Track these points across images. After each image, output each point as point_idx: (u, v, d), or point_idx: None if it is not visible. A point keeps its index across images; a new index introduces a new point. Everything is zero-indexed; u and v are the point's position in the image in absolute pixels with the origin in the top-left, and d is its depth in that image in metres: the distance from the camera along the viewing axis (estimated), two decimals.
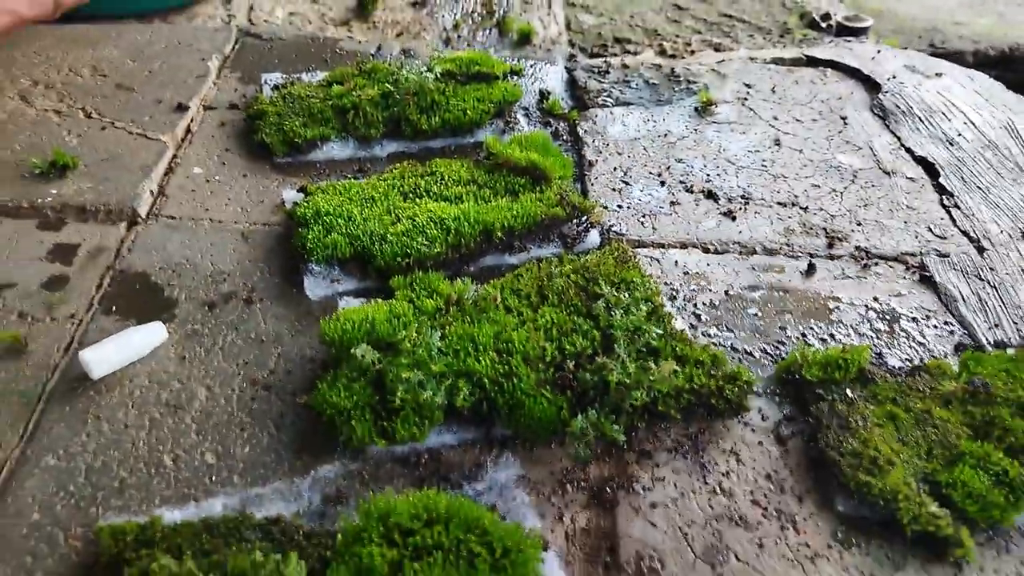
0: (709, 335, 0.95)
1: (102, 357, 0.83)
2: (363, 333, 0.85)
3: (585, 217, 1.08)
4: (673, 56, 1.69)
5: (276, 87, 1.31)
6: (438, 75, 1.28)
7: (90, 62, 1.36)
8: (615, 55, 1.68)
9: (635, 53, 1.69)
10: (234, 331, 0.91)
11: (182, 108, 1.26)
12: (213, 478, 0.76)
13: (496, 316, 0.89)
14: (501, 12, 1.78)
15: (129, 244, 1.02)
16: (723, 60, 1.56)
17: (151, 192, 1.10)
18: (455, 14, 1.77)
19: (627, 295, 0.92)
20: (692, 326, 0.96)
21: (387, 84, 1.25)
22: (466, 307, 0.91)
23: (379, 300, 0.92)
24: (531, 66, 1.48)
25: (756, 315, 0.98)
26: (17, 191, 1.07)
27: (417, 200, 1.07)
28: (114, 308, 0.93)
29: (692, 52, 1.71)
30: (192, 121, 1.25)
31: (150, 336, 0.87)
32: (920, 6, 2.13)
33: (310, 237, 0.98)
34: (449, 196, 1.08)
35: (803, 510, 0.79)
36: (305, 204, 1.04)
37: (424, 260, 0.98)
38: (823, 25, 1.87)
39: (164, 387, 0.84)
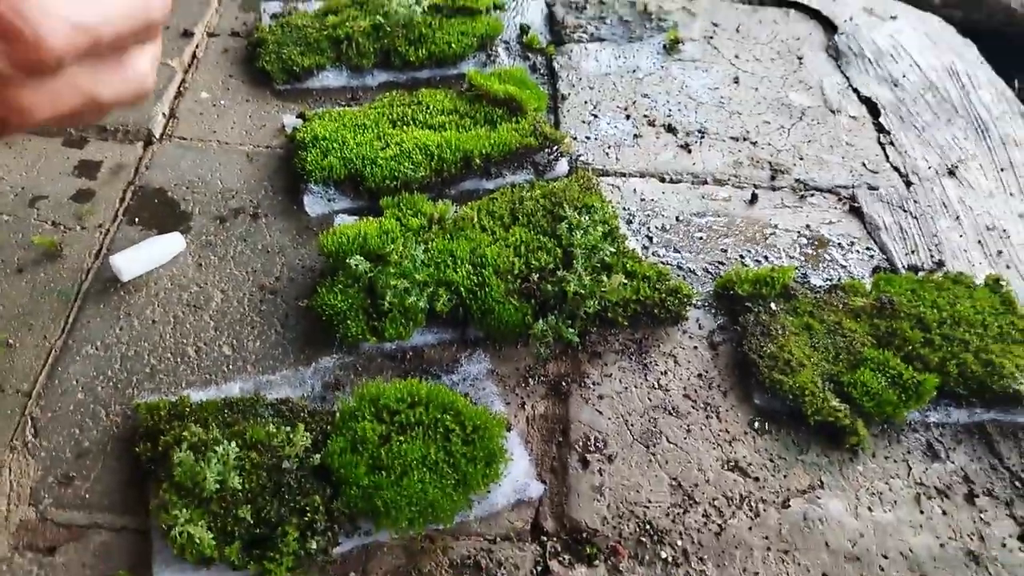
0: (658, 255, 1.09)
1: (130, 261, 0.96)
2: (357, 246, 0.98)
3: (556, 147, 1.20)
4: None
5: (274, 15, 1.40)
6: (425, 8, 1.38)
7: None
8: None
9: None
10: (243, 242, 1.04)
11: (188, 34, 1.35)
12: (230, 366, 0.91)
13: (472, 234, 1.03)
14: None
15: (147, 162, 1.14)
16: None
17: (163, 115, 1.21)
18: None
19: (587, 218, 1.05)
20: (644, 247, 1.10)
21: (378, 16, 1.34)
22: (447, 226, 1.04)
23: (370, 218, 1.05)
24: (513, 0, 1.57)
25: (701, 238, 1.12)
26: None
27: (404, 128, 1.18)
28: (137, 220, 1.06)
29: None
30: (197, 47, 1.35)
31: (171, 245, 1.00)
32: None
33: (309, 160, 1.10)
34: (433, 124, 1.20)
35: (726, 403, 0.94)
36: (304, 129, 1.16)
37: (410, 183, 1.11)
38: None
39: (184, 289, 0.98)
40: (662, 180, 1.21)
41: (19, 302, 0.95)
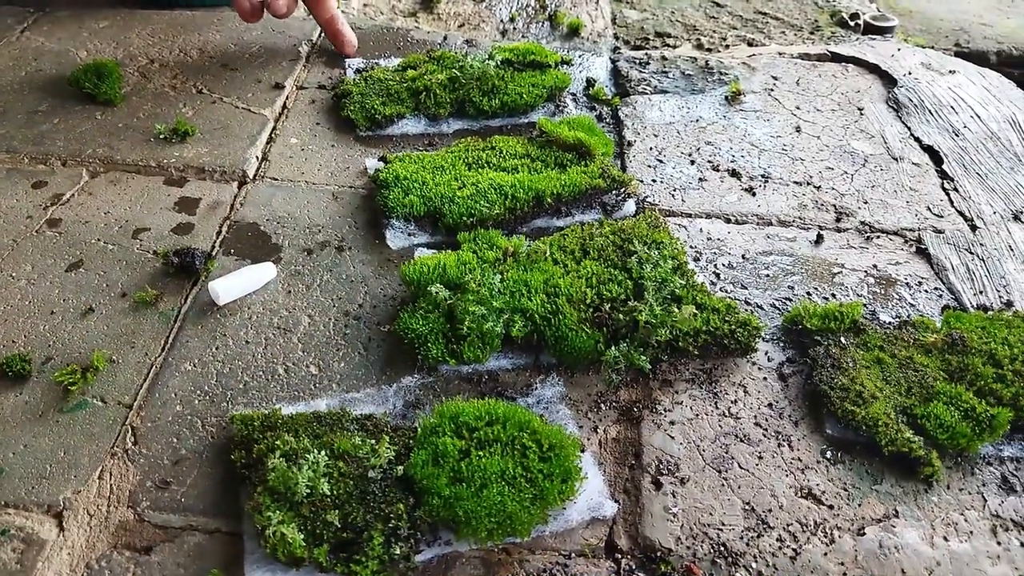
0: (726, 290, 1.12)
1: (227, 287, 1.03)
2: (436, 275, 1.03)
3: (623, 188, 1.25)
4: (709, 50, 1.84)
5: (358, 71, 1.50)
6: (498, 63, 1.46)
7: (197, 45, 1.57)
8: (655, 48, 1.84)
9: (674, 47, 1.85)
10: (328, 272, 1.11)
11: (279, 87, 1.45)
12: (317, 385, 0.95)
13: (545, 267, 1.07)
14: (553, 6, 1.95)
15: (241, 200, 1.22)
16: (753, 55, 1.71)
17: (256, 157, 1.30)
18: (511, 8, 1.94)
19: (656, 253, 1.09)
20: (712, 282, 1.13)
21: (454, 70, 1.43)
22: (520, 258, 1.09)
23: (449, 251, 1.10)
24: (579, 56, 1.65)
25: (768, 276, 1.15)
26: (145, 153, 1.28)
27: (479, 170, 1.25)
28: (232, 251, 1.13)
29: (727, 47, 1.87)
30: (288, 99, 1.45)
31: (263, 273, 1.07)
32: (948, 7, 2.25)
33: (391, 198, 1.17)
34: (506, 167, 1.26)
35: (797, 432, 0.95)
36: (385, 171, 1.23)
37: (485, 220, 1.16)
38: (851, 24, 2.00)
39: (275, 314, 1.04)
40: (727, 221, 1.25)
41: (123, 322, 1.02)
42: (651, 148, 1.39)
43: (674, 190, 1.30)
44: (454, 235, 1.15)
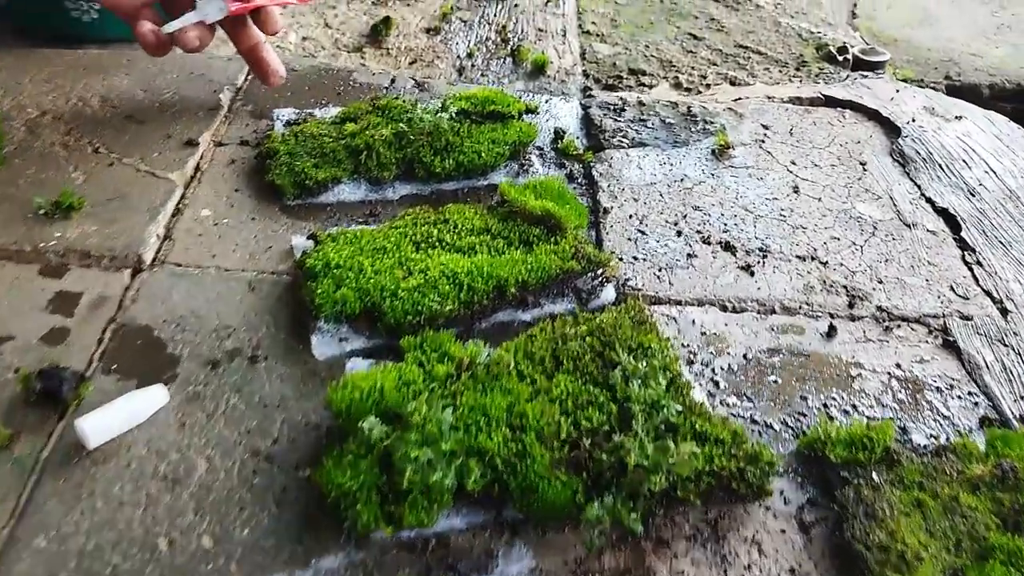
0: (728, 404, 0.92)
1: (99, 426, 0.80)
2: (371, 403, 0.82)
3: (601, 271, 1.05)
4: (688, 90, 1.66)
5: (288, 123, 1.28)
6: (453, 115, 1.25)
7: (100, 91, 1.33)
8: (630, 88, 1.65)
9: (650, 86, 1.66)
10: (237, 394, 0.89)
11: (192, 144, 1.23)
12: (209, 565, 0.73)
13: (509, 384, 0.86)
14: (516, 41, 1.75)
15: (133, 294, 1.00)
16: (740, 99, 1.53)
17: (157, 236, 1.07)
18: (469, 42, 1.74)
19: (644, 363, 0.89)
20: (711, 393, 0.93)
21: (401, 124, 1.22)
22: (478, 373, 0.88)
23: (388, 363, 0.89)
24: (546, 102, 1.46)
25: (776, 382, 0.95)
26: (21, 233, 1.05)
27: (429, 251, 1.04)
28: (115, 367, 0.90)
29: (708, 86, 1.69)
30: (202, 158, 1.22)
31: (150, 401, 0.85)
32: (933, 36, 2.10)
33: (319, 292, 0.95)
34: (462, 247, 1.05)
35: None
36: (314, 254, 1.01)
37: (436, 318, 0.95)
38: (840, 59, 1.83)
39: (162, 457, 0.81)
40: (724, 309, 1.05)
41: None
42: (631, 216, 1.19)
43: (660, 269, 1.10)
44: (397, 337, 0.94)
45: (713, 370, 0.96)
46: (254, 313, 0.98)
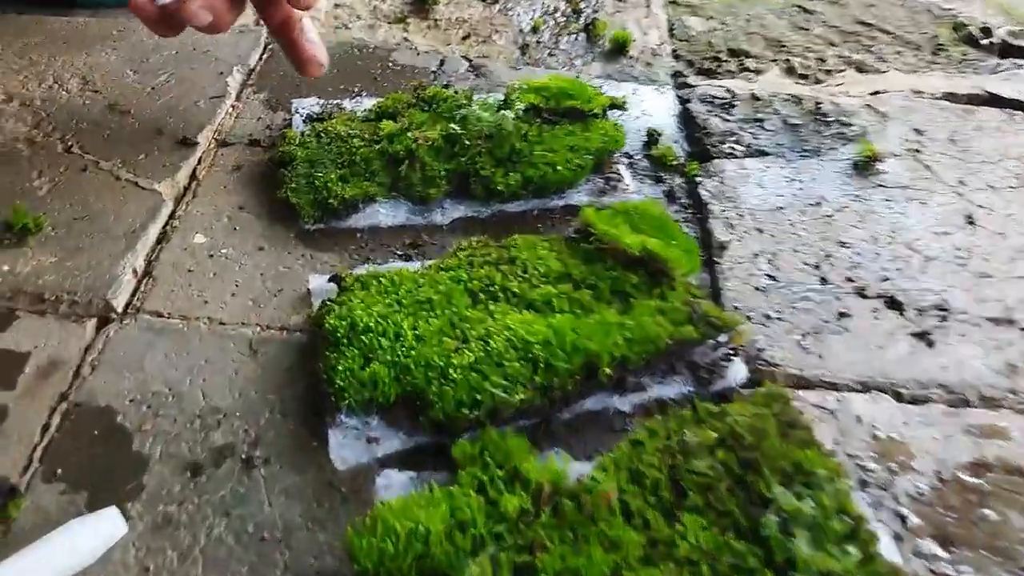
0: (926, 556, 0.64)
1: None
2: (411, 560, 0.55)
3: (725, 337, 0.77)
4: (804, 77, 1.35)
5: (310, 118, 1.01)
6: (519, 112, 0.97)
7: (80, 71, 1.07)
8: (731, 73, 1.34)
9: (757, 71, 1.35)
10: (224, 519, 0.63)
11: (188, 143, 0.96)
12: None
13: (612, 530, 0.59)
14: (590, 12, 1.45)
15: (95, 357, 0.74)
16: (878, 92, 1.22)
17: (134, 272, 0.81)
18: (533, 12, 1.44)
19: (810, 503, 0.61)
20: (896, 535, 0.65)
21: (453, 124, 0.94)
22: (564, 509, 0.60)
23: (435, 484, 0.62)
24: (633, 93, 1.16)
25: (988, 521, 0.66)
26: None
27: (491, 305, 0.76)
28: (59, 471, 0.65)
29: (828, 72, 1.37)
30: (200, 163, 0.96)
31: (98, 537, 0.59)
32: None
33: (341, 368, 0.69)
34: (535, 301, 0.77)
35: None
36: (337, 308, 0.74)
37: (500, 410, 0.68)
38: (983, 42, 1.49)
39: None
40: (898, 397, 0.76)
41: None
42: (756, 254, 0.90)
43: (803, 334, 0.81)
44: (447, 435, 0.67)
45: (897, 499, 0.68)
46: (254, 391, 0.72)
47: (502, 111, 0.96)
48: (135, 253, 0.82)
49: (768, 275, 0.88)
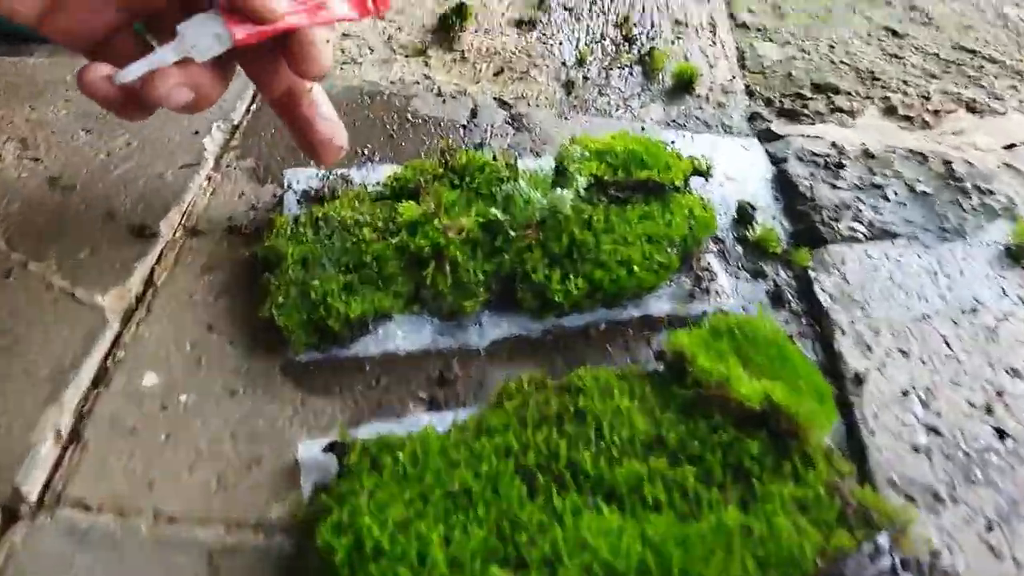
0: None
1: None
2: None
3: (886, 539, 0.53)
4: (908, 118, 1.11)
5: (306, 196, 0.78)
6: (581, 191, 0.74)
7: (20, 130, 0.85)
8: (820, 115, 1.10)
9: (851, 112, 1.11)
10: None
11: (146, 234, 0.74)
12: None
13: None
14: (645, 39, 1.22)
15: None
16: (1016, 145, 0.98)
17: (57, 436, 0.59)
18: (578, 40, 1.21)
19: None
20: None
21: (493, 208, 0.71)
22: None
23: None
24: (712, 149, 0.93)
25: None
26: None
27: (555, 498, 0.53)
28: None
29: (935, 113, 1.13)
30: (159, 262, 0.73)
31: None
32: None
33: None
34: (617, 486, 0.54)
35: None
36: (336, 510, 0.51)
37: None
38: None
39: None
40: None
41: None
42: (906, 392, 0.66)
43: (989, 525, 0.57)
44: None
45: None
46: None
47: (560, 190, 0.72)
48: (60, 405, 0.60)
49: (927, 426, 0.64)
